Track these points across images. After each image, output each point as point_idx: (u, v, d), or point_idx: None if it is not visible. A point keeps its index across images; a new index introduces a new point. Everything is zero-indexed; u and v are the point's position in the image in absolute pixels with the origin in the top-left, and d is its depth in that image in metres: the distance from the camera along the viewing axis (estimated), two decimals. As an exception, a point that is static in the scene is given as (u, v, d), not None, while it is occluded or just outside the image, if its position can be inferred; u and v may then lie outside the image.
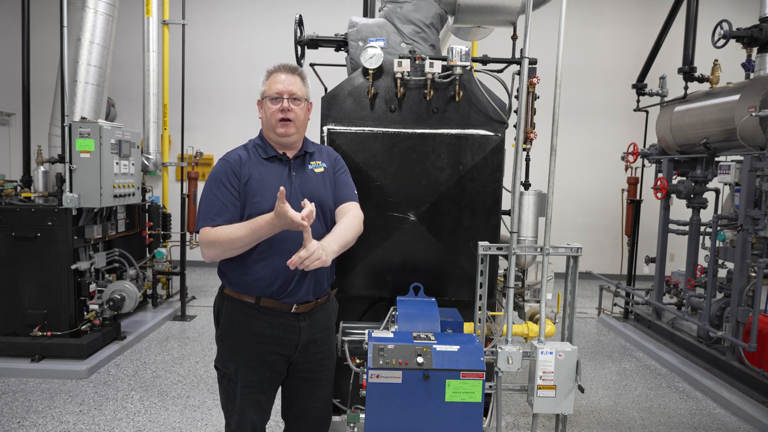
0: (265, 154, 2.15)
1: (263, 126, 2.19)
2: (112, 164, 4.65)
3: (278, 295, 2.11)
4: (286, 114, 2.09)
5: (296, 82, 2.13)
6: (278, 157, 2.16)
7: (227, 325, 2.17)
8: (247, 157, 2.14)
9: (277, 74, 2.13)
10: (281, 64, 2.17)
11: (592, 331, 6.23)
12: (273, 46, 8.33)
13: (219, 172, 2.10)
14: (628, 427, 3.84)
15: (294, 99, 2.11)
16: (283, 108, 2.09)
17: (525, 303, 2.97)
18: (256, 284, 2.10)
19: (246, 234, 1.97)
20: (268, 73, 2.16)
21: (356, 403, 2.77)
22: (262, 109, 2.18)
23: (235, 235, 1.97)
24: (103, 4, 4.88)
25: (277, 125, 2.10)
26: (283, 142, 2.15)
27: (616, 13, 8.90)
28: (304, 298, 2.16)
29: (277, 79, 2.11)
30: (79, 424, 3.59)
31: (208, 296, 7.15)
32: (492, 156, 2.76)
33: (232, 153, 2.17)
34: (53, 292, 4.51)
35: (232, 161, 2.12)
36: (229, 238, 1.98)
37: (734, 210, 4.87)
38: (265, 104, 2.14)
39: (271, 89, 2.11)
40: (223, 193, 2.06)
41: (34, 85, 4.99)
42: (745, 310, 4.45)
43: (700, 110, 5.14)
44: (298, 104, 2.12)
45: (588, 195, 8.94)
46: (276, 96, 2.10)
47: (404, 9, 2.99)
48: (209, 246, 2.02)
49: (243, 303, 2.13)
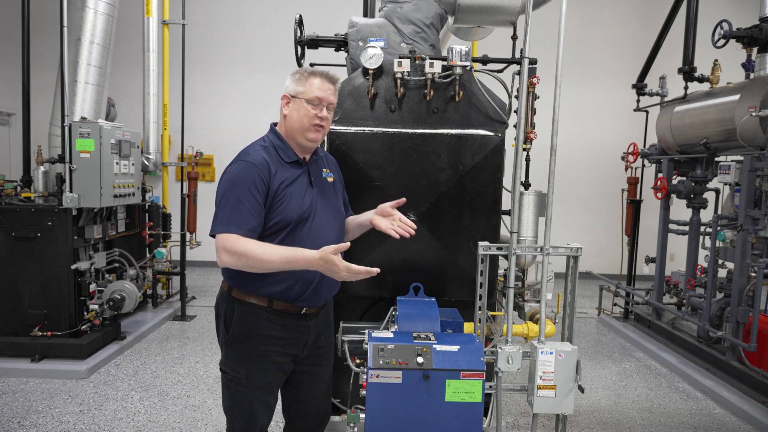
0: (287, 158, 2.13)
1: (290, 125, 2.13)
2: (112, 164, 4.65)
3: (294, 300, 2.11)
4: (322, 121, 2.11)
5: (334, 92, 2.16)
6: (299, 161, 2.16)
7: (238, 329, 2.13)
8: (271, 160, 2.08)
9: (320, 80, 2.11)
10: (325, 71, 2.16)
11: (592, 331, 6.23)
12: (273, 46, 8.37)
13: (246, 177, 2.01)
14: (628, 427, 3.84)
15: (329, 108, 2.15)
16: (322, 116, 2.10)
17: (525, 303, 2.97)
18: (272, 288, 2.08)
19: (279, 262, 1.93)
20: (309, 74, 2.12)
21: (356, 403, 2.77)
22: (290, 107, 2.12)
23: (267, 259, 1.92)
24: (103, 4, 4.88)
25: (311, 128, 2.10)
26: (308, 146, 2.15)
27: (616, 13, 8.90)
28: (318, 302, 2.18)
29: (321, 86, 2.10)
30: (79, 424, 3.59)
31: (208, 296, 7.15)
32: (492, 156, 2.76)
33: (255, 155, 2.07)
34: (53, 292, 4.51)
35: (260, 166, 2.03)
36: (260, 258, 1.92)
37: (734, 210, 4.87)
38: (302, 105, 2.09)
39: (313, 93, 2.09)
40: (249, 201, 1.99)
41: (34, 85, 4.98)
42: (745, 310, 4.45)
43: (700, 110, 5.14)
44: (331, 113, 2.17)
45: (588, 195, 8.95)
46: (317, 101, 2.09)
47: (404, 9, 2.99)
48: (233, 255, 1.94)
49: (254, 306, 2.11)
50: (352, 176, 2.67)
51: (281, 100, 2.16)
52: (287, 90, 2.13)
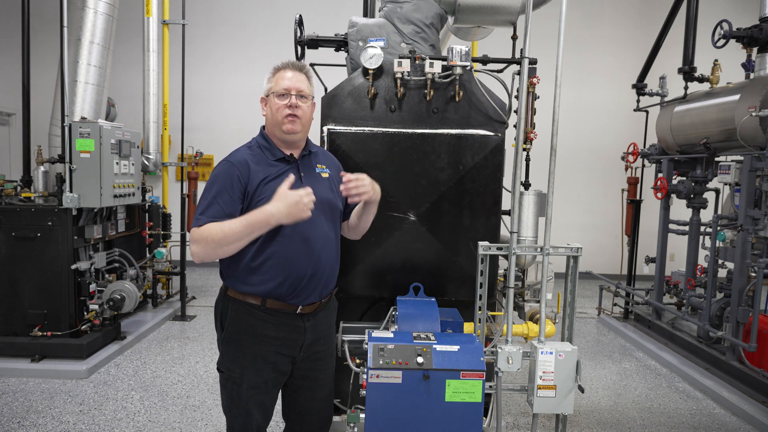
0: (272, 156, 2.13)
1: (268, 123, 2.17)
2: (112, 164, 4.65)
3: (286, 297, 2.10)
4: (293, 110, 2.09)
5: (303, 80, 2.14)
6: (285, 158, 2.15)
7: (232, 328, 2.14)
8: (254, 158, 2.10)
9: (284, 71, 2.13)
10: (289, 62, 2.17)
11: (592, 331, 6.23)
12: (273, 46, 8.36)
13: (223, 175, 2.05)
14: (628, 427, 3.84)
15: (301, 96, 2.11)
16: (291, 104, 2.09)
17: (525, 303, 2.97)
18: (264, 285, 2.07)
19: (241, 227, 1.92)
20: (275, 69, 2.15)
21: (356, 403, 2.77)
22: (266, 107, 2.16)
23: (229, 230, 1.91)
24: (103, 4, 4.88)
25: (284, 121, 2.09)
26: (288, 140, 2.14)
27: (616, 13, 8.90)
28: (312, 299, 2.15)
29: (285, 76, 2.11)
30: (79, 424, 3.59)
31: (208, 296, 7.15)
32: (492, 156, 2.76)
33: (236, 155, 2.11)
34: (53, 292, 4.51)
35: (238, 164, 2.06)
36: (223, 232, 1.92)
37: (734, 210, 4.87)
38: (272, 100, 2.12)
39: (279, 85, 2.10)
40: (224, 199, 2.01)
41: (34, 85, 4.98)
42: (745, 310, 4.45)
43: (700, 110, 5.14)
44: (305, 102, 2.13)
45: (588, 195, 8.95)
46: (283, 92, 2.09)
47: (404, 9, 2.99)
48: (197, 242, 1.95)
49: (248, 305, 2.11)
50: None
51: (261, 104, 2.20)
52: (263, 92, 2.17)
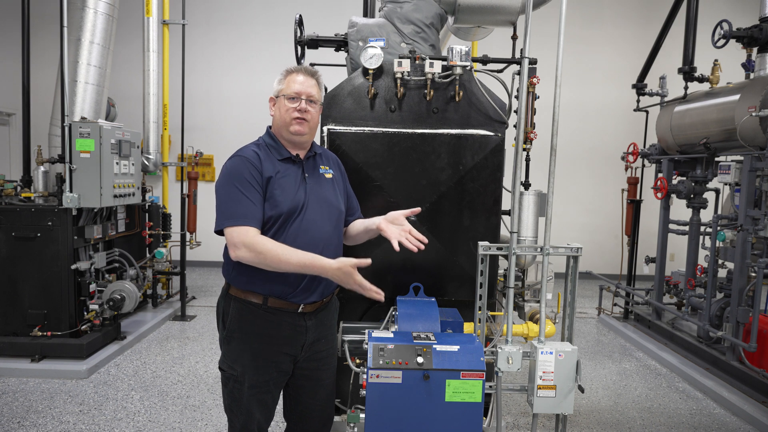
0: (279, 155, 2.17)
1: (276, 123, 2.20)
2: (112, 164, 4.65)
3: (288, 295, 2.11)
4: (302, 114, 2.13)
5: (314, 85, 2.18)
6: (291, 158, 2.18)
7: (234, 326, 2.15)
8: (262, 156, 2.13)
9: (296, 74, 2.17)
10: (301, 66, 2.24)
11: (592, 331, 6.23)
12: (273, 46, 8.37)
13: (240, 169, 2.06)
14: (628, 427, 3.84)
15: (311, 101, 2.16)
16: (300, 108, 2.13)
17: (525, 303, 2.97)
18: (266, 284, 2.08)
19: (296, 264, 1.97)
20: (287, 72, 2.19)
21: (356, 403, 2.77)
22: (275, 107, 2.20)
23: (286, 260, 1.96)
24: (103, 4, 4.88)
25: (292, 123, 2.13)
26: (295, 141, 2.18)
27: (616, 13, 8.90)
28: (313, 298, 2.17)
29: (296, 80, 2.15)
30: (79, 424, 3.59)
31: (208, 296, 7.15)
32: (492, 156, 2.76)
33: (246, 150, 2.15)
34: (53, 292, 4.51)
35: (251, 158, 2.09)
36: (279, 258, 1.96)
37: (734, 210, 4.88)
38: (281, 102, 2.16)
39: (290, 88, 2.14)
40: (249, 192, 2.03)
41: (34, 85, 4.99)
42: (745, 310, 4.45)
43: (700, 110, 5.14)
44: (314, 106, 2.18)
45: (588, 195, 8.95)
46: (294, 96, 2.14)
47: (404, 9, 2.99)
48: (252, 251, 1.97)
49: (250, 303, 2.12)
50: (352, 176, 2.66)
51: (269, 103, 2.25)
52: (273, 92, 2.21)
